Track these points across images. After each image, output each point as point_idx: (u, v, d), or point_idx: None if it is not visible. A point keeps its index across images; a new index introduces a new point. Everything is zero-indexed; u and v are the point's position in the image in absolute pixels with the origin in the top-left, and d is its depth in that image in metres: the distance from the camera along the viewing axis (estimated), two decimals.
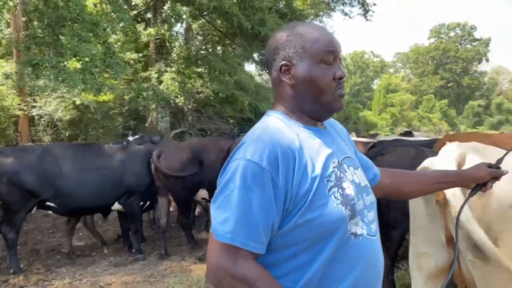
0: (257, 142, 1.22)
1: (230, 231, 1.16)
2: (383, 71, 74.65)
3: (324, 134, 1.40)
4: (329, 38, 1.36)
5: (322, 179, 1.25)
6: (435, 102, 54.85)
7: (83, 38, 8.13)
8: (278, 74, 1.37)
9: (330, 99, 1.35)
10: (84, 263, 5.36)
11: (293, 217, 1.22)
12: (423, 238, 2.48)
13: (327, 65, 1.34)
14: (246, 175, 1.17)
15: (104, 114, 14.47)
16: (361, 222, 1.32)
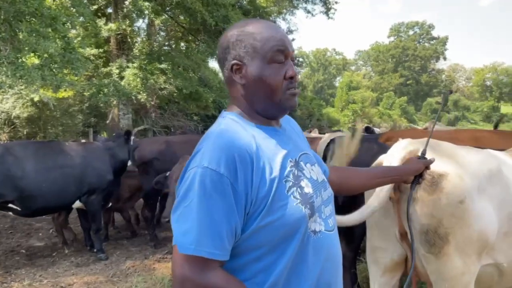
0: (213, 148, 1.20)
1: (193, 242, 1.15)
2: (345, 69, 75.95)
3: (279, 133, 1.39)
4: (280, 37, 1.34)
5: (280, 180, 1.25)
6: (395, 99, 56.25)
7: (42, 34, 7.88)
8: (230, 73, 1.36)
9: (282, 98, 1.34)
10: (45, 264, 5.23)
11: (254, 220, 1.21)
12: (378, 233, 2.53)
13: (278, 64, 1.33)
14: (204, 183, 1.15)
15: (63, 111, 14.11)
16: (319, 218, 1.34)
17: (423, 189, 2.20)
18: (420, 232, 2.24)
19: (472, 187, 2.18)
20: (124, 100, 13.19)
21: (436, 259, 2.22)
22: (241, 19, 11.41)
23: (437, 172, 2.18)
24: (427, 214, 2.20)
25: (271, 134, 1.35)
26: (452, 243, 2.17)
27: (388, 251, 2.47)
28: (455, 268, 2.19)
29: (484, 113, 58.82)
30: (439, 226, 2.17)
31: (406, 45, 68.46)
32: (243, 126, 1.32)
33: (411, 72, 67.30)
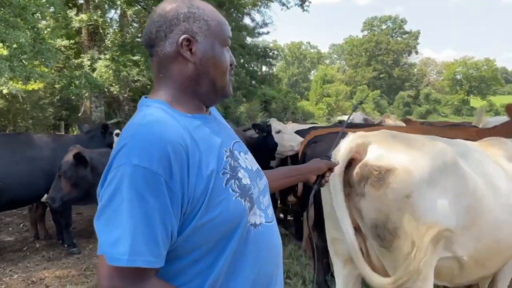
0: (142, 142, 1.05)
1: (126, 252, 1.00)
2: (319, 62, 76.46)
3: (210, 121, 1.29)
4: (227, 24, 1.30)
5: (218, 173, 1.15)
6: (368, 92, 56.99)
7: (11, 24, 7.65)
8: (177, 48, 1.21)
9: (226, 83, 1.29)
10: (15, 259, 5.13)
11: (192, 220, 1.10)
12: (333, 225, 2.54)
13: (226, 49, 1.28)
14: (136, 183, 1.01)
15: (34, 104, 13.79)
16: (258, 210, 1.26)
17: (370, 184, 2.20)
18: (371, 227, 2.25)
19: (421, 180, 2.15)
20: (96, 92, 12.95)
21: (389, 253, 2.23)
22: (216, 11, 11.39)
23: (384, 167, 2.19)
24: (375, 209, 2.21)
25: (203, 123, 1.24)
26: (402, 237, 2.16)
27: (344, 242, 2.47)
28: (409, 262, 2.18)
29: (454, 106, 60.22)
30: (387, 221, 2.18)
31: (379, 39, 69.33)
32: (173, 116, 1.17)
33: (384, 66, 68.24)
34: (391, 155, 2.22)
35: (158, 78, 1.27)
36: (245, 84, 15.86)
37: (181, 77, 1.24)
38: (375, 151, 2.25)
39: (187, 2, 1.24)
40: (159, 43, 1.23)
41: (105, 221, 1.04)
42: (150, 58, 1.29)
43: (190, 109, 1.24)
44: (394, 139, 2.35)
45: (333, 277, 4.20)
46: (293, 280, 4.29)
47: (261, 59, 15.95)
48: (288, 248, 5.07)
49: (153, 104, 1.20)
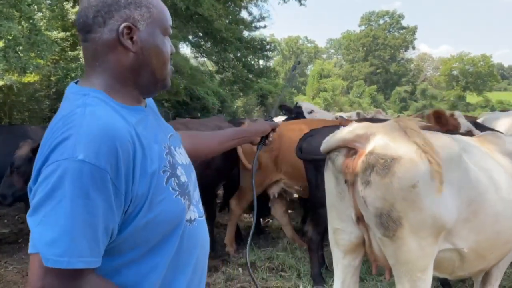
0: (88, 136, 0.98)
1: (65, 253, 0.95)
2: (316, 57, 76.32)
3: (147, 114, 1.23)
4: (168, 12, 1.24)
5: (159, 171, 1.11)
6: (365, 87, 56.99)
7: (5, 15, 7.59)
8: (116, 36, 1.13)
9: (166, 74, 1.24)
10: (10, 251, 5.13)
11: (132, 220, 1.06)
12: (336, 215, 2.56)
13: (167, 39, 1.23)
14: (80, 180, 0.95)
15: (29, 96, 13.71)
16: (192, 205, 1.24)
17: (376, 173, 2.22)
18: (374, 215, 2.27)
19: (426, 171, 2.18)
20: None
21: (392, 242, 2.25)
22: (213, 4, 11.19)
23: (390, 156, 2.20)
24: (380, 198, 2.22)
25: (141, 116, 1.18)
26: (405, 226, 2.19)
27: (346, 232, 2.51)
28: (411, 252, 2.23)
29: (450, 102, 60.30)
30: (391, 210, 2.20)
31: (376, 34, 69.20)
32: (112, 108, 1.10)
33: (381, 61, 68.18)
34: (397, 145, 2.25)
35: (93, 66, 1.17)
36: (242, 77, 15.82)
37: (120, 66, 1.16)
38: (381, 141, 2.27)
39: None
40: (96, 29, 1.14)
41: (41, 218, 0.96)
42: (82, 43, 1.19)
43: (127, 100, 1.17)
44: (399, 131, 2.38)
45: (328, 270, 4.25)
46: (288, 273, 4.31)
47: (258, 52, 15.89)
48: (283, 241, 5.09)
49: (90, 93, 1.11)
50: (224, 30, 13.93)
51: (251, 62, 16.24)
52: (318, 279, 4.04)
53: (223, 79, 16.86)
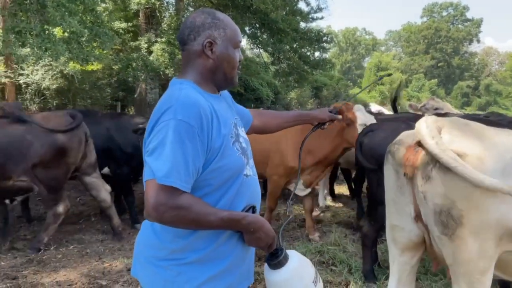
0: (183, 105, 1.50)
1: (171, 176, 1.43)
2: (374, 49, 74.43)
3: (222, 100, 1.78)
4: (239, 31, 1.76)
5: (228, 136, 1.63)
6: (425, 81, 55.06)
7: (68, 9, 7.91)
8: (201, 48, 1.67)
9: (235, 75, 1.76)
10: (71, 230, 5.40)
11: (210, 164, 1.55)
12: (395, 211, 2.50)
13: (237, 50, 1.74)
14: (179, 131, 1.45)
15: (92, 84, 14.28)
16: (248, 166, 1.74)
17: (438, 168, 2.13)
18: (434, 212, 2.19)
19: (493, 170, 2.06)
20: (151, 75, 13.27)
21: (450, 241, 2.16)
22: None
23: (455, 151, 2.10)
24: (441, 194, 2.14)
25: (218, 100, 1.73)
26: (466, 226, 2.09)
27: (405, 230, 2.45)
28: (470, 252, 2.12)
29: None
30: (452, 208, 2.11)
31: (439, 26, 66.50)
32: (200, 92, 1.64)
33: (443, 54, 65.50)
34: (464, 141, 2.15)
35: (187, 66, 1.72)
36: (297, 69, 15.70)
37: (203, 68, 1.70)
38: (447, 135, 2.17)
39: (212, 14, 1.70)
40: (189, 43, 1.69)
41: (156, 156, 1.46)
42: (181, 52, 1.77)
43: (208, 90, 1.71)
44: (469, 126, 2.28)
45: (380, 267, 4.16)
46: (338, 267, 4.25)
47: (314, 43, 15.69)
48: (334, 235, 5.02)
49: (185, 82, 1.67)
50: (280, 21, 13.85)
51: (307, 53, 16.07)
52: (370, 275, 3.96)
53: (278, 70, 16.79)
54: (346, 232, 5.36)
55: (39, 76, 12.31)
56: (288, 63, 15.81)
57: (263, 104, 19.08)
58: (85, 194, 6.93)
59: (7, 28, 7.63)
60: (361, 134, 4.13)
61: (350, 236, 5.18)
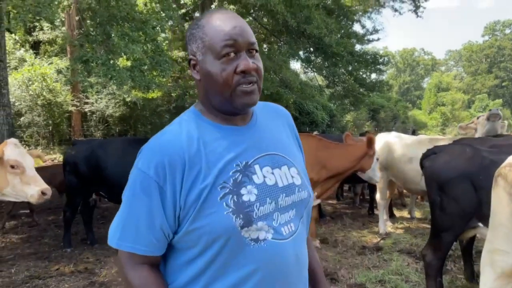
0: (148, 151, 1.25)
1: (118, 236, 1.23)
2: (434, 69, 72.50)
3: (239, 132, 1.32)
4: (229, 30, 1.25)
5: (215, 186, 1.22)
6: (489, 101, 52.69)
7: (132, 37, 8.36)
8: (190, 68, 1.35)
9: (231, 94, 1.25)
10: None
11: (184, 224, 1.23)
12: (503, 235, 2.42)
13: (227, 58, 1.24)
14: (135, 183, 1.22)
15: (152, 111, 14.84)
16: (266, 226, 1.26)
17: None
18: None
19: None
20: None
21: None
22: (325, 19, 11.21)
23: None
24: None
25: (226, 134, 1.30)
26: None
27: (510, 255, 2.36)
28: None
29: None
30: None
31: (502, 45, 63.87)
32: (196, 124, 1.30)
33: (508, 73, 62.60)
34: None
35: None
36: (353, 91, 15.54)
37: (200, 93, 1.36)
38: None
39: (197, 20, 1.32)
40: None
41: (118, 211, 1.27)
42: None
43: (218, 118, 1.33)
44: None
45: None
46: None
47: (370, 66, 15.50)
48: (396, 263, 4.80)
49: (188, 111, 1.37)
50: (334, 44, 13.83)
51: (362, 76, 15.89)
52: None
53: (333, 93, 16.68)
54: (409, 260, 5.11)
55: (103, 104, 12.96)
56: (343, 86, 15.69)
57: (318, 127, 18.97)
58: None
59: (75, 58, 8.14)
60: (423, 157, 3.97)
61: (413, 265, 4.93)
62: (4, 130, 7.91)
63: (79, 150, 5.51)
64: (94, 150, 5.40)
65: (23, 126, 14.81)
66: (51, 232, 6.22)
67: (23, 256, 5.18)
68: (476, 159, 3.39)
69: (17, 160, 3.80)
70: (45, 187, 3.81)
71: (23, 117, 14.69)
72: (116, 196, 5.40)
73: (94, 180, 5.33)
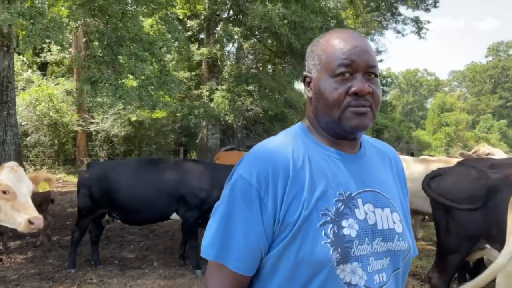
0: (252, 157, 1.16)
1: (207, 245, 1.15)
2: (437, 90, 72.67)
3: (346, 159, 1.22)
4: (348, 48, 1.18)
5: (317, 210, 1.10)
6: (493, 122, 52.62)
7: (140, 58, 8.50)
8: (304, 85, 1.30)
9: (341, 115, 1.17)
10: (135, 275, 5.48)
11: (277, 244, 1.11)
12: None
13: (342, 78, 1.17)
14: (234, 190, 1.13)
15: (157, 130, 14.92)
16: (360, 270, 1.13)
17: None
18: None
19: None
20: (212, 121, 13.68)
21: None
22: None
23: None
24: None
25: (331, 156, 1.21)
26: None
27: None
28: None
29: None
30: None
31: (506, 65, 64.12)
32: (302, 140, 1.22)
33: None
34: None
35: None
36: None
37: (308, 110, 1.29)
38: None
39: (318, 38, 1.28)
40: None
41: (211, 217, 1.17)
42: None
43: (325, 140, 1.24)
44: None
45: None
46: None
47: None
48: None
49: (296, 126, 1.29)
50: None
51: None
52: None
53: None
54: (414, 283, 5.07)
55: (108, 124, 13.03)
56: None
57: None
58: (149, 238, 7.08)
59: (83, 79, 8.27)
60: (428, 178, 3.97)
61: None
62: (11, 150, 7.97)
63: (93, 172, 5.54)
64: (108, 171, 5.45)
65: (29, 146, 14.91)
66: (55, 253, 6.20)
67: (27, 277, 5.16)
68: (481, 180, 3.39)
69: (8, 185, 3.60)
70: (35, 215, 3.59)
71: (29, 137, 14.82)
72: (129, 217, 5.50)
73: (107, 201, 5.35)
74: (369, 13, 19.82)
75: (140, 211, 5.37)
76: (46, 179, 4.13)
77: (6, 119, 7.96)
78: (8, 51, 7.90)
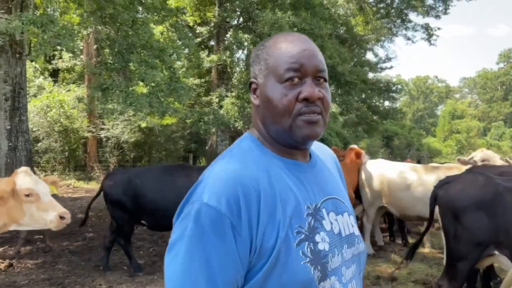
0: (215, 182, 1.01)
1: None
2: (448, 97, 72.24)
3: (303, 169, 1.16)
4: (296, 52, 1.11)
5: (291, 229, 1.02)
6: (505, 129, 52.12)
7: (150, 65, 8.58)
8: (250, 93, 1.20)
9: (292, 124, 1.09)
10: (143, 281, 5.49)
11: (256, 274, 1.00)
12: None
13: (291, 84, 1.09)
14: (199, 221, 0.96)
15: (167, 137, 15.01)
16: (337, 283, 1.09)
17: None
18: None
19: None
20: (222, 127, 13.73)
21: None
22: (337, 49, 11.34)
23: None
24: None
25: (290, 168, 1.12)
26: None
27: None
28: None
29: None
30: None
31: None
32: (259, 154, 1.12)
33: None
34: None
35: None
36: (366, 119, 15.58)
37: (255, 121, 1.19)
38: None
39: (263, 42, 1.20)
40: None
41: (172, 257, 1.00)
42: None
43: (277, 150, 1.15)
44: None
45: None
46: None
47: (383, 93, 15.58)
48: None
49: (246, 139, 1.17)
50: (347, 73, 13.96)
51: (376, 103, 15.97)
52: None
53: (347, 120, 16.73)
54: None
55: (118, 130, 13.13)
56: (356, 114, 15.74)
57: None
58: (158, 244, 7.10)
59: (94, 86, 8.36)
60: (437, 186, 3.95)
61: None
62: (22, 156, 8.06)
63: (117, 179, 5.67)
64: (132, 179, 5.56)
65: (40, 152, 15.08)
66: (65, 258, 6.25)
67: (37, 282, 5.20)
68: (490, 187, 3.38)
69: (30, 188, 3.63)
70: (63, 210, 3.68)
71: (40, 143, 14.98)
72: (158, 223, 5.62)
73: (137, 208, 5.50)
74: (379, 20, 19.78)
75: (170, 217, 5.41)
76: (53, 182, 4.21)
77: (18, 125, 8.05)
78: (21, 58, 8.02)
